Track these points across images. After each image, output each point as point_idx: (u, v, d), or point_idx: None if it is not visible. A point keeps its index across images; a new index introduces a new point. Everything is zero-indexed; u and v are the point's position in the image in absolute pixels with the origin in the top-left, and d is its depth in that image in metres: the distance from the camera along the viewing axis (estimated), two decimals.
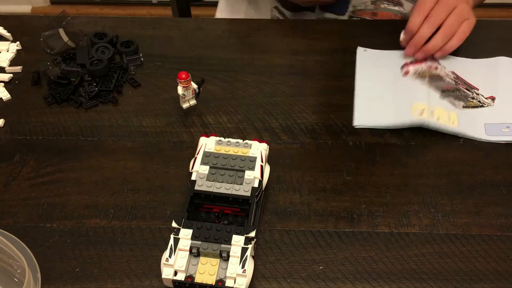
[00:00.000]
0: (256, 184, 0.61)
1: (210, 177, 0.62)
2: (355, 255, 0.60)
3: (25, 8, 2.13)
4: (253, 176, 0.62)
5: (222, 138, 0.65)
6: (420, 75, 0.80)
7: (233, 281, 0.55)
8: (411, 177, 0.68)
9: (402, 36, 0.82)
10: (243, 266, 0.55)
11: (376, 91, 0.78)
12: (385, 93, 0.78)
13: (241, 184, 0.61)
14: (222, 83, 0.80)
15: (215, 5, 1.13)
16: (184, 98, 0.75)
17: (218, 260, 0.56)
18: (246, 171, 0.62)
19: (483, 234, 0.62)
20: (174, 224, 0.58)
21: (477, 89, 0.78)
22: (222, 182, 0.61)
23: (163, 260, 0.56)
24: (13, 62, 0.84)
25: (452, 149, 0.71)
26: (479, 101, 0.77)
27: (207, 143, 0.65)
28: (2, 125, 0.74)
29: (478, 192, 0.67)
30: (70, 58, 0.82)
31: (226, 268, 0.55)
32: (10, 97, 0.78)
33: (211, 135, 0.66)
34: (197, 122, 0.75)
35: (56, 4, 2.15)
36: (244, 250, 0.56)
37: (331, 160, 0.70)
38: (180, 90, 0.73)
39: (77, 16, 0.91)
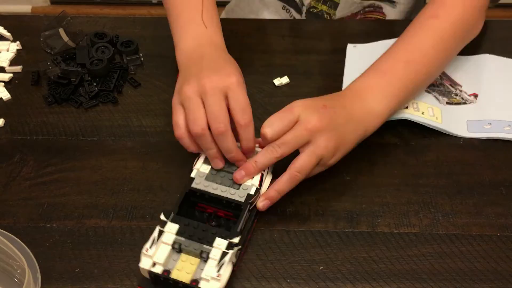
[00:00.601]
0: (252, 192, 0.61)
1: (209, 177, 0.62)
2: (355, 255, 0.60)
3: (25, 8, 2.13)
4: (251, 183, 0.61)
5: None
6: None
7: (207, 283, 0.54)
8: (411, 177, 0.68)
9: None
10: (218, 270, 0.54)
11: None
12: None
13: (238, 189, 0.61)
14: None
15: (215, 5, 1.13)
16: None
17: (198, 260, 0.56)
18: None
19: (483, 234, 0.62)
20: (162, 217, 0.58)
21: (461, 86, 0.78)
22: (219, 183, 0.61)
23: (143, 250, 0.55)
24: (13, 62, 0.84)
25: (452, 149, 0.71)
26: (462, 98, 0.76)
27: None
28: (2, 125, 0.74)
29: (478, 192, 0.67)
30: (70, 58, 0.82)
31: (203, 269, 0.55)
32: (10, 97, 0.78)
33: None
34: None
35: (56, 4, 2.15)
36: (224, 254, 0.55)
37: None
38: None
39: (77, 16, 0.91)
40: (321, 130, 0.60)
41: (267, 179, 0.64)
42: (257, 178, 0.62)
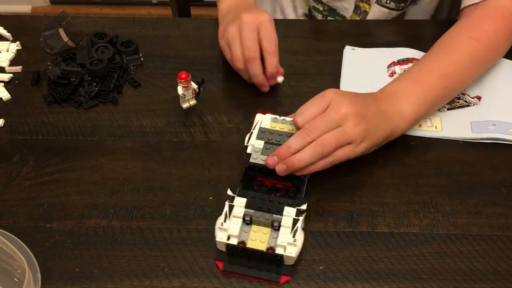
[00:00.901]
0: None
1: (264, 151, 0.64)
2: (355, 255, 0.60)
3: (25, 8, 2.13)
4: None
5: (277, 116, 0.67)
6: None
7: (283, 249, 0.57)
8: (411, 177, 0.68)
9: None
10: (293, 236, 0.57)
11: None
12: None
13: None
14: (222, 83, 0.80)
15: (215, 5, 1.13)
16: (184, 98, 0.75)
17: (269, 229, 0.58)
18: None
19: (483, 234, 0.62)
20: (229, 192, 0.61)
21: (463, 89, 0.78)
22: None
23: (218, 224, 0.58)
24: (13, 62, 0.84)
25: (452, 149, 0.71)
26: (465, 101, 0.76)
27: (263, 120, 0.67)
28: (2, 125, 0.74)
29: (478, 192, 0.67)
30: (70, 58, 0.82)
31: (277, 237, 0.57)
32: (10, 97, 0.78)
33: (267, 112, 0.68)
34: (197, 122, 0.75)
35: (56, 4, 2.15)
36: (295, 221, 0.58)
37: None
38: (180, 90, 0.73)
39: (77, 16, 0.91)
40: (352, 115, 0.62)
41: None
42: None
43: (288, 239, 0.57)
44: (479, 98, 0.76)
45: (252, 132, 0.67)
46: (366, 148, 0.64)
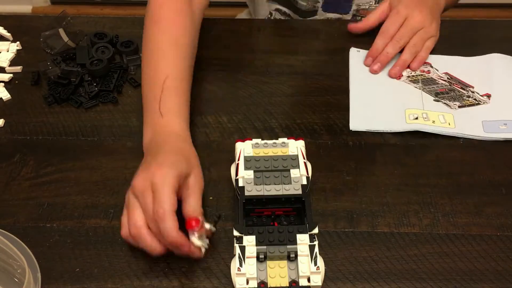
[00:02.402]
0: (304, 182, 0.61)
1: (257, 181, 0.61)
2: (355, 255, 0.60)
3: (25, 8, 2.13)
4: (299, 174, 0.61)
5: (258, 141, 0.65)
6: (413, 79, 0.80)
7: (307, 279, 0.55)
8: (411, 177, 0.68)
9: (366, 60, 0.82)
10: (315, 264, 0.55)
11: (370, 94, 0.78)
12: (380, 96, 0.78)
13: (289, 183, 0.61)
14: (222, 83, 0.80)
15: (215, 5, 1.13)
16: (203, 247, 0.58)
17: (285, 261, 0.56)
18: (291, 170, 0.62)
19: (483, 234, 0.62)
20: (235, 233, 0.57)
21: (472, 87, 0.78)
22: (270, 184, 0.61)
23: (234, 271, 0.55)
24: (13, 62, 0.84)
25: (452, 149, 0.71)
26: (475, 99, 0.77)
27: (245, 148, 0.64)
28: (2, 125, 0.74)
29: (478, 192, 0.67)
30: (70, 58, 0.82)
31: (295, 268, 0.55)
32: (10, 97, 0.78)
33: (245, 139, 0.65)
34: (197, 122, 0.75)
35: (56, 4, 2.15)
36: (312, 248, 0.56)
37: (331, 160, 0.70)
38: (196, 241, 0.57)
39: (77, 16, 0.91)
40: (424, 17, 0.81)
41: (309, 167, 0.64)
42: (303, 167, 0.62)
43: (310, 268, 0.55)
44: (488, 96, 0.77)
45: (238, 164, 0.63)
46: (436, 27, 0.83)
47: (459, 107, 0.76)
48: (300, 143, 0.65)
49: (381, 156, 0.70)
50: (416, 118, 0.73)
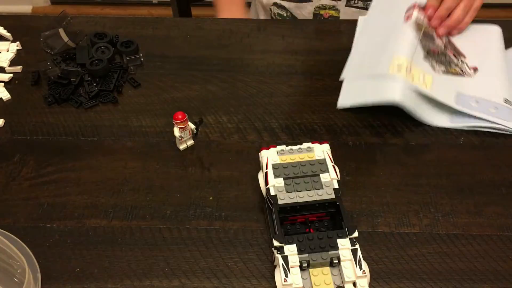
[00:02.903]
0: (336, 185, 0.60)
1: (288, 188, 0.60)
2: None
3: (25, 8, 2.13)
4: (329, 178, 0.61)
5: (283, 147, 0.63)
6: (418, 26, 0.78)
7: (352, 284, 0.54)
8: (411, 177, 0.68)
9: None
10: (360, 268, 0.54)
11: (367, 46, 0.79)
12: (375, 45, 0.78)
13: (321, 188, 0.60)
14: (222, 83, 0.80)
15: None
16: (181, 139, 0.70)
17: (328, 268, 0.55)
18: (321, 175, 0.61)
19: (483, 234, 0.62)
20: (276, 243, 0.56)
21: (464, 57, 0.78)
22: (302, 190, 0.60)
23: (280, 282, 0.54)
24: (13, 62, 0.84)
25: (452, 149, 0.71)
26: (461, 69, 0.77)
27: (270, 155, 0.63)
28: (2, 125, 0.75)
29: (478, 192, 0.67)
30: (70, 58, 0.82)
31: (338, 274, 0.55)
32: (10, 97, 0.78)
33: (270, 147, 0.64)
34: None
35: (56, 4, 2.15)
36: (354, 252, 0.55)
37: None
38: (176, 132, 0.68)
39: (77, 16, 0.91)
40: None
41: (337, 170, 0.63)
42: (332, 171, 0.61)
43: (355, 272, 0.54)
44: (475, 69, 0.77)
45: (266, 172, 0.61)
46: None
47: (443, 72, 0.75)
48: (326, 147, 0.64)
49: (381, 156, 0.70)
50: (400, 70, 0.71)
